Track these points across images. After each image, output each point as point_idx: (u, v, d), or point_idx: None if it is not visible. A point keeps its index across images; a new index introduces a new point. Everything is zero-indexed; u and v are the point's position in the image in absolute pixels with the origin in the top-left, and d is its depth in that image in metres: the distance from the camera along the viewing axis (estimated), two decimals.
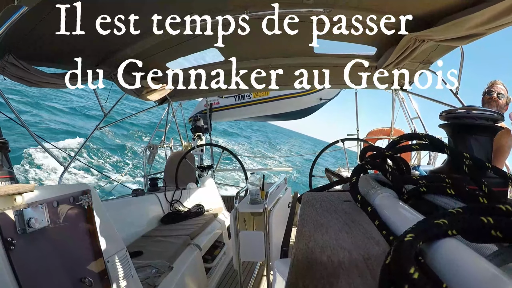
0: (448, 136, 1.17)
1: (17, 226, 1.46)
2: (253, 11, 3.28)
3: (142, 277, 2.61)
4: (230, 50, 4.49)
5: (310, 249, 0.67)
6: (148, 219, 4.49)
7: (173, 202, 5.16)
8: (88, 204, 1.97)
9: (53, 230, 1.68)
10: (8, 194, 1.46)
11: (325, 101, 11.81)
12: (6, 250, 1.39)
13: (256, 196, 3.50)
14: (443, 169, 1.12)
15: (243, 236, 3.24)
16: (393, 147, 1.15)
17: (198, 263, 3.80)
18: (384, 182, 1.09)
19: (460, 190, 0.79)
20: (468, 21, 2.77)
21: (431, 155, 6.10)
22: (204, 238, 4.25)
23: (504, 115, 1.13)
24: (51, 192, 1.73)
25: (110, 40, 3.72)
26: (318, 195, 1.27)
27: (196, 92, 6.36)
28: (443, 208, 0.79)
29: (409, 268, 0.39)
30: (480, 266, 0.41)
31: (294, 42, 4.18)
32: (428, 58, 4.26)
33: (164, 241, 3.76)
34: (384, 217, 0.81)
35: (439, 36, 3.16)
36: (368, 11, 3.24)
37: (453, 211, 0.53)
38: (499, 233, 0.46)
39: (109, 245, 2.13)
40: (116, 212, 3.85)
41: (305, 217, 0.97)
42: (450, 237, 0.49)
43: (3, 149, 1.91)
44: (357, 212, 0.97)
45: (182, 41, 3.93)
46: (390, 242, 0.69)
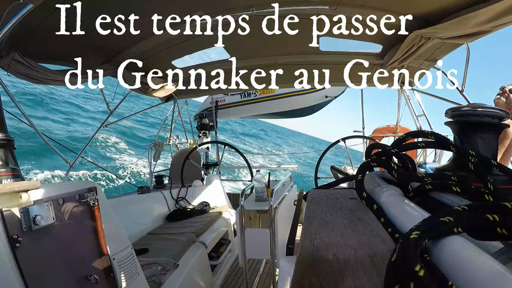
0: (454, 134, 1.17)
1: (22, 223, 1.46)
2: (258, 9, 3.28)
3: (147, 275, 2.62)
4: (235, 48, 4.49)
5: (315, 246, 0.67)
6: (153, 216, 4.50)
7: (179, 200, 5.17)
8: (93, 201, 1.97)
9: (59, 228, 1.68)
10: (13, 192, 1.47)
11: (331, 99, 11.78)
12: (12, 247, 1.40)
13: (261, 193, 3.50)
14: (448, 166, 1.12)
15: (249, 234, 3.24)
16: (398, 145, 1.15)
17: (204, 261, 3.81)
18: (390, 179, 1.09)
19: (466, 187, 0.78)
20: (473, 18, 2.75)
21: (437, 152, 6.08)
22: (209, 235, 4.26)
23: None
24: (57, 190, 1.74)
25: (115, 38, 3.72)
26: (323, 193, 1.27)
27: (202, 90, 6.37)
28: (449, 206, 0.79)
29: (415, 265, 0.39)
30: (486, 263, 0.40)
31: (300, 40, 4.17)
32: (434, 56, 4.24)
33: (169, 239, 3.77)
34: (389, 215, 0.81)
35: (445, 34, 3.15)
36: (373, 9, 3.23)
37: (458, 208, 0.52)
38: (504, 230, 0.46)
39: (114, 242, 2.13)
40: (122, 209, 3.86)
41: (310, 214, 0.97)
42: (455, 234, 0.49)
43: (8, 146, 1.92)
44: (362, 209, 0.97)
45: (187, 39, 3.93)
46: (396, 239, 0.69)
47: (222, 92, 8.04)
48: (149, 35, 3.77)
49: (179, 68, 5.07)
